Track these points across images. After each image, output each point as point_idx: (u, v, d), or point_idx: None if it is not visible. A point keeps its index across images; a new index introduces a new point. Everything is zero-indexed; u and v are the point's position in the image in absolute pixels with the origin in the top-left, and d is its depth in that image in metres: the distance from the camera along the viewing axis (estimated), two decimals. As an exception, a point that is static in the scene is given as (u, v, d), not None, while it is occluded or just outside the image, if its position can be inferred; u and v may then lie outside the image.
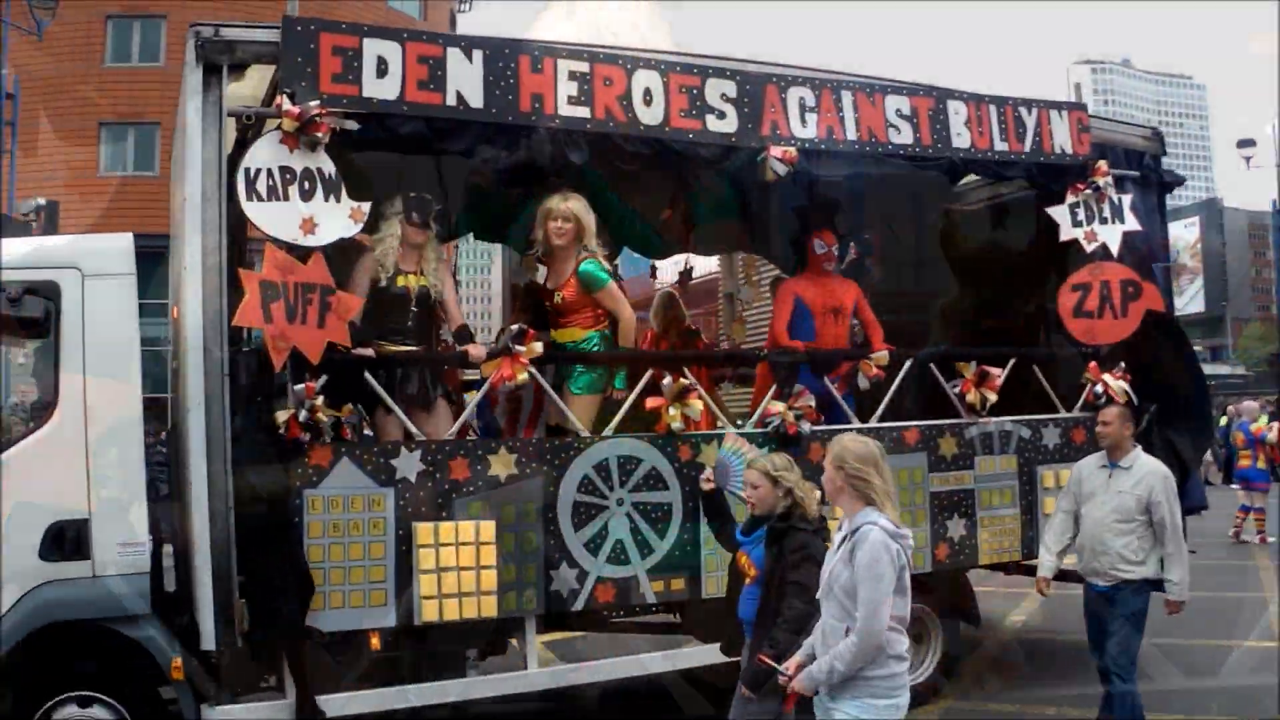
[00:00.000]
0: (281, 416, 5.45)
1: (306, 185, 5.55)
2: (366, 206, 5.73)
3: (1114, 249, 7.64)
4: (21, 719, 5.22)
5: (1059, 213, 7.57)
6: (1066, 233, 7.57)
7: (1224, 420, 19.40)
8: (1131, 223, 7.71)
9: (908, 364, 7.19)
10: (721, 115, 6.50)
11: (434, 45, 5.86)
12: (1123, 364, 7.62)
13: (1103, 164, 7.60)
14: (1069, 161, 7.58)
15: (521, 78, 6.00)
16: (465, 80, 5.87)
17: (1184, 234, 62.62)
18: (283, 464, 5.43)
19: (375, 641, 5.73)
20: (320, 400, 5.48)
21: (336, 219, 5.62)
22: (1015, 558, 7.45)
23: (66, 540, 5.30)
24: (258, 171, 5.43)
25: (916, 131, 7.09)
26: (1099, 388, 7.57)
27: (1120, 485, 6.11)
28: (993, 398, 7.26)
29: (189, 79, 5.53)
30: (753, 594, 4.77)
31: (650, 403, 6.26)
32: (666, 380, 6.26)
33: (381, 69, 5.71)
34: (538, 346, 6.02)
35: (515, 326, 6.09)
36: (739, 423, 6.83)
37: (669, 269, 9.60)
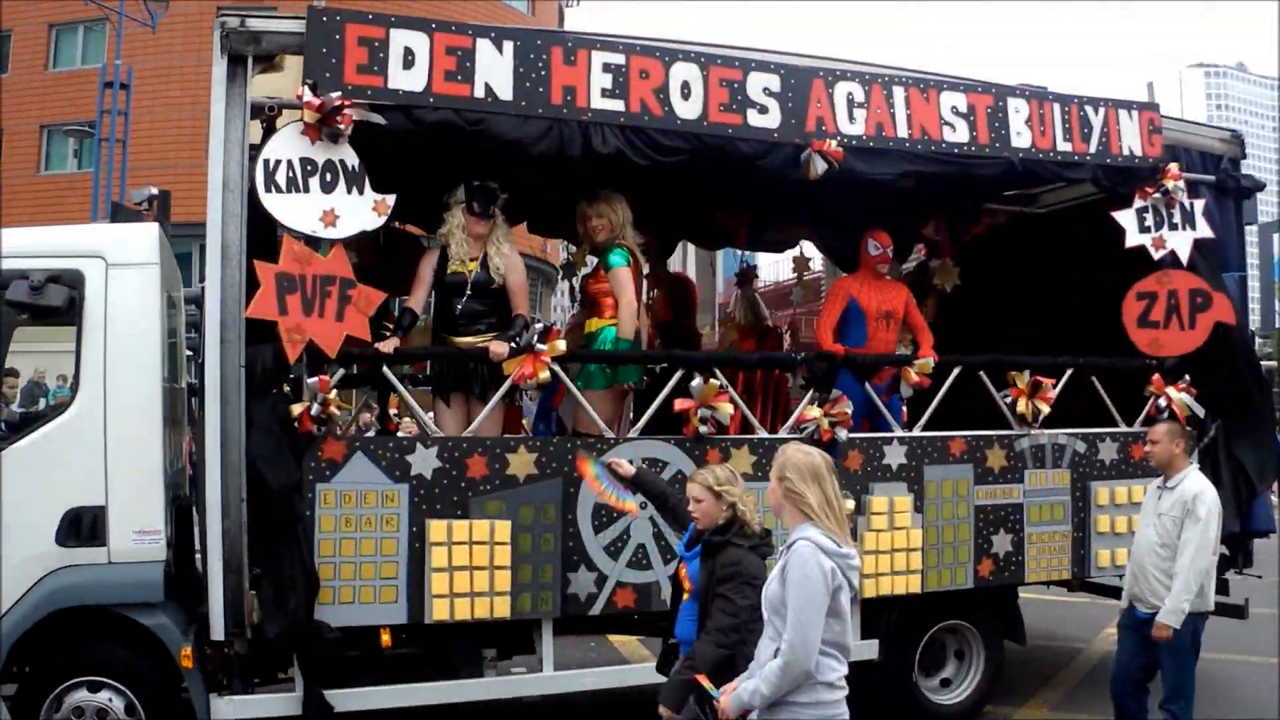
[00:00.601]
0: (296, 409, 5.42)
1: (328, 177, 5.50)
2: (391, 199, 5.66)
3: (1184, 257, 7.22)
4: (34, 701, 5.29)
5: (1125, 217, 7.18)
6: (1133, 238, 7.17)
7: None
8: (1204, 230, 7.27)
9: (955, 371, 6.89)
10: (764, 110, 6.29)
11: (463, 36, 5.76)
12: (1187, 377, 7.21)
13: (1173, 167, 7.18)
14: (1138, 164, 7.18)
15: (553, 70, 5.87)
16: (495, 72, 5.76)
17: (1296, 244, 59.61)
18: (295, 457, 5.39)
19: (386, 638, 5.67)
20: (334, 394, 5.44)
21: (359, 211, 5.56)
22: (1065, 576, 7.11)
23: (83, 526, 5.35)
24: (277, 163, 5.39)
25: (973, 130, 6.78)
26: (1162, 401, 7.17)
27: (1162, 507, 5.81)
28: (1045, 409, 6.92)
29: (214, 70, 5.52)
30: (689, 611, 4.53)
31: (679, 405, 6.09)
32: (695, 382, 6.09)
33: (408, 60, 5.62)
34: (560, 345, 5.90)
35: (540, 324, 5.97)
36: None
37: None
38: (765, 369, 7.03)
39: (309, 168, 5.46)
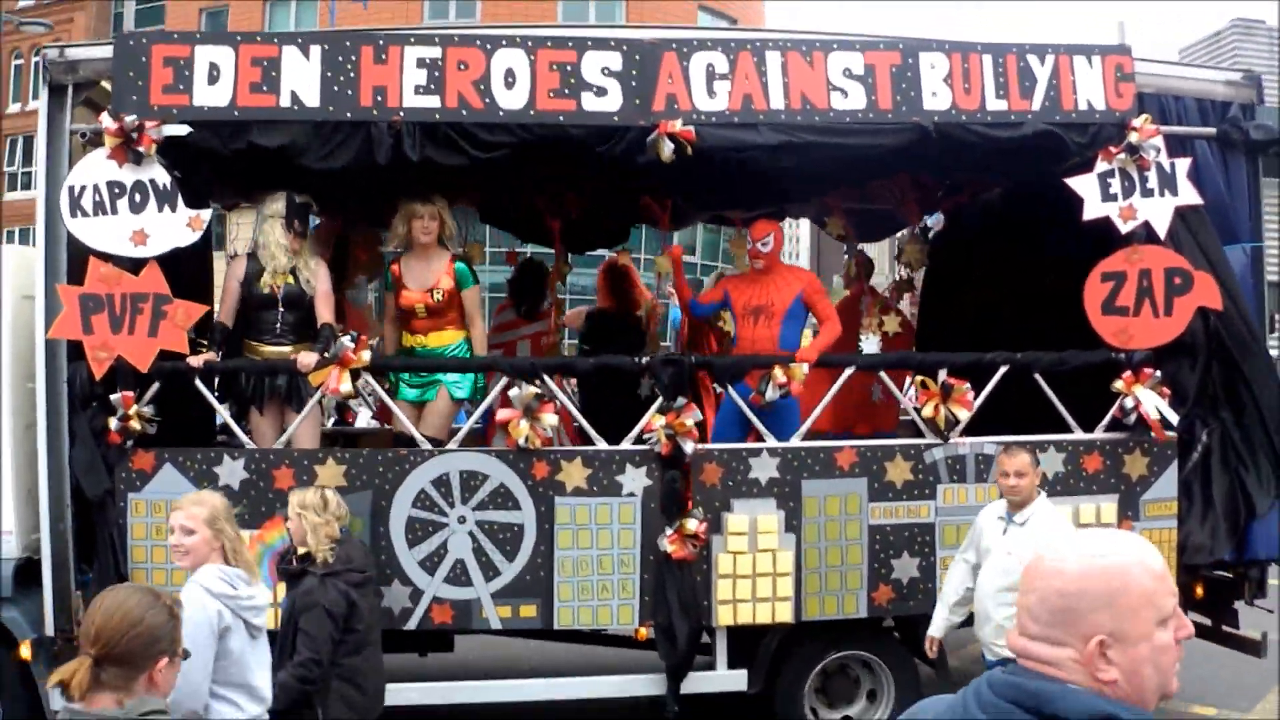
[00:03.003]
0: (112, 423, 5.68)
1: (138, 197, 5.66)
2: (206, 214, 5.78)
3: (1161, 229, 5.97)
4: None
5: (1083, 184, 6.02)
6: (1093, 209, 6.01)
7: None
8: (1188, 194, 5.97)
9: (848, 371, 6.09)
10: (602, 92, 5.81)
11: (269, 45, 5.72)
12: (1158, 374, 5.97)
13: (1143, 120, 5.92)
14: (1100, 119, 6.00)
15: (362, 70, 5.71)
16: (301, 79, 5.69)
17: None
18: (107, 468, 5.66)
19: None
20: (135, 409, 5.63)
21: (171, 228, 5.70)
22: (990, 607, 6.14)
23: (-58, 526, 5.92)
24: (83, 188, 5.60)
25: (871, 94, 5.93)
26: (1129, 402, 5.99)
27: (1010, 544, 4.98)
28: (964, 414, 5.98)
29: (40, 99, 5.82)
30: None
31: (501, 415, 5.82)
32: (515, 390, 5.78)
33: (213, 75, 5.66)
34: (365, 356, 5.78)
35: (348, 335, 5.89)
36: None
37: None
38: (604, 375, 6.49)
39: (116, 190, 5.64)
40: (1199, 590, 6.22)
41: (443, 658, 6.72)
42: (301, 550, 4.65)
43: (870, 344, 7.44)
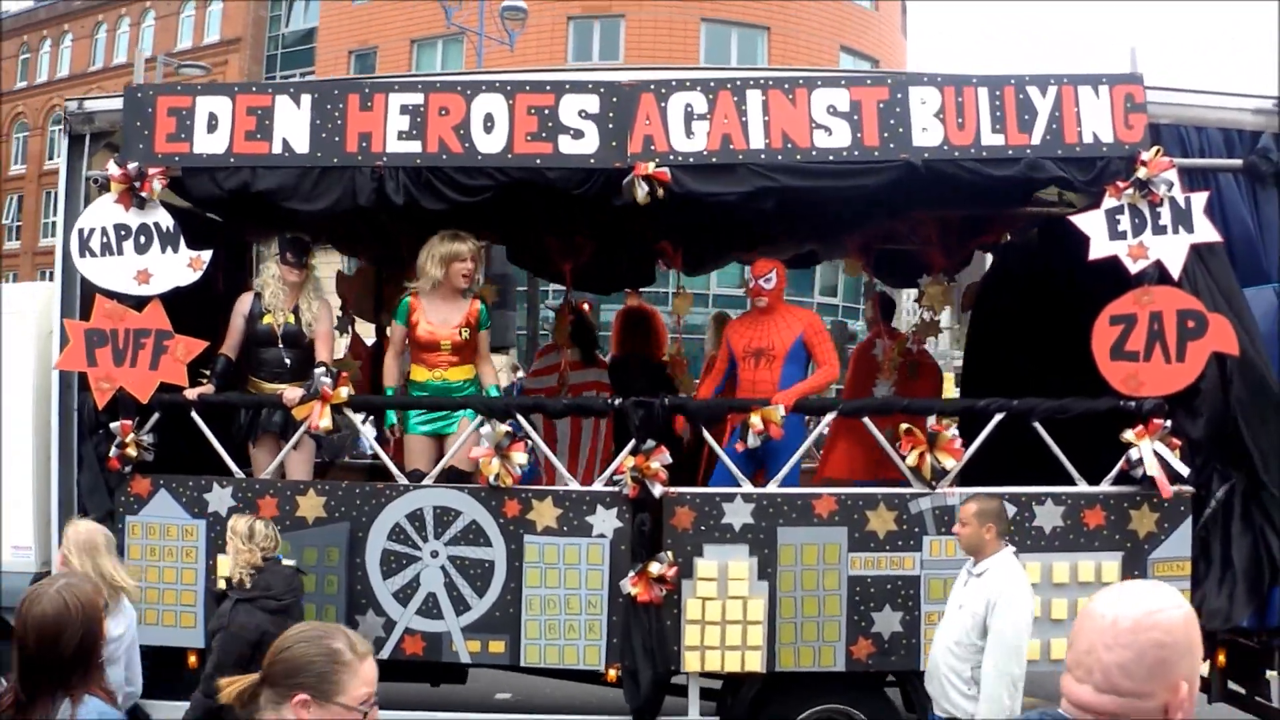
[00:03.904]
0: (112, 450, 6.01)
1: (142, 239, 6.01)
2: (206, 255, 6.06)
3: (1174, 269, 5.53)
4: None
5: (1089, 222, 5.64)
6: (1100, 248, 5.62)
7: None
8: (1205, 231, 5.52)
9: (829, 417, 5.87)
10: (578, 135, 5.82)
11: (264, 95, 5.99)
12: (1167, 424, 5.52)
13: (1153, 152, 5.52)
14: (1107, 152, 5.63)
15: (349, 117, 5.90)
16: (292, 126, 5.92)
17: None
18: (109, 491, 6.00)
19: (194, 660, 6.09)
20: (132, 438, 5.94)
21: (173, 268, 6.02)
22: (978, 668, 5.77)
23: (-23, 543, 6.38)
24: (91, 231, 5.98)
25: (856, 131, 5.74)
26: (1135, 453, 5.56)
27: (963, 597, 4.80)
28: (951, 463, 5.67)
29: (61, 148, 6.25)
30: None
31: (473, 453, 5.86)
32: (486, 428, 5.82)
33: (212, 124, 5.96)
34: (343, 392, 5.95)
35: (322, 370, 6.05)
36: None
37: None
38: (578, 415, 6.41)
39: (122, 232, 6.00)
40: (1221, 657, 5.75)
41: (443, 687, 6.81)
42: (228, 573, 4.92)
43: (883, 389, 7.13)
